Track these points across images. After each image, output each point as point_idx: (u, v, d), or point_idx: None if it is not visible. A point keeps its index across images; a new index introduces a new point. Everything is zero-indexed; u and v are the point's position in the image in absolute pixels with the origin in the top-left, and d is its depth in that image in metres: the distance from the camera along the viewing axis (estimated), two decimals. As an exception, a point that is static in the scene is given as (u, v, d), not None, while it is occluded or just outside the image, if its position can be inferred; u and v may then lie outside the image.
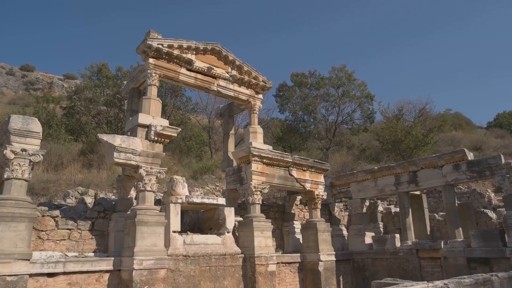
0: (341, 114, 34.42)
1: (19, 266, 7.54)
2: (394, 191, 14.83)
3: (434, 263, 13.05)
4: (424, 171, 13.90)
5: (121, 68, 30.07)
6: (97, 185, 19.91)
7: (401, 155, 26.88)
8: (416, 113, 35.73)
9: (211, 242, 10.90)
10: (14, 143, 8.10)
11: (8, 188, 7.98)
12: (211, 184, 22.34)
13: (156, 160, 10.05)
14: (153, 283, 9.08)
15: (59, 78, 63.23)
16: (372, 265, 14.61)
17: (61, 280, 8.53)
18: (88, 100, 28.69)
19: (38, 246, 9.08)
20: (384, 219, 17.86)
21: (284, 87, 36.06)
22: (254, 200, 11.91)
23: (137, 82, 11.67)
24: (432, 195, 20.47)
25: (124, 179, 10.76)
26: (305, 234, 13.76)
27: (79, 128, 28.24)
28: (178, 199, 10.51)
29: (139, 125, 10.06)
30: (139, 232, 9.14)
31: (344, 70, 33.99)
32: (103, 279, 9.13)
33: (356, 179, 15.86)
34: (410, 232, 14.12)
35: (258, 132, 12.93)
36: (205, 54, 12.11)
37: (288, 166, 13.06)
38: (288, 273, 13.05)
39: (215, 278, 10.62)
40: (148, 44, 10.60)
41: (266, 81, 13.44)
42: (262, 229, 11.64)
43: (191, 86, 12.26)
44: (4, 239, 7.48)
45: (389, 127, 28.59)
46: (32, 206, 8.21)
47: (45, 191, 18.90)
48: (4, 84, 58.29)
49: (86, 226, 10.02)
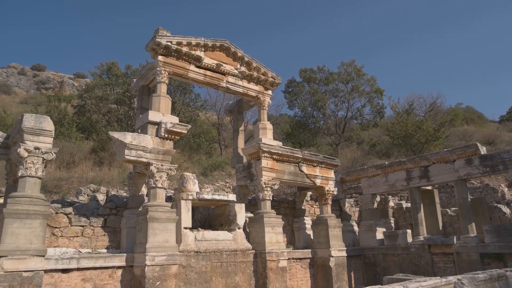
0: (350, 110, 34.23)
1: (34, 262, 7.67)
2: (405, 186, 14.72)
3: (446, 258, 12.95)
4: (436, 166, 13.76)
5: (130, 66, 30.29)
6: (108, 182, 20.12)
7: (412, 150, 26.64)
8: (427, 107, 35.36)
9: (222, 238, 10.95)
10: (28, 142, 8.21)
11: (22, 185, 8.10)
12: (221, 181, 22.42)
13: (167, 157, 10.10)
14: (165, 279, 9.16)
15: (69, 77, 63.89)
16: (384, 260, 14.55)
17: (75, 276, 8.65)
18: (99, 98, 28.95)
19: (52, 243, 9.21)
20: (395, 214, 17.75)
21: (293, 83, 35.94)
22: (265, 196, 11.92)
23: (146, 79, 11.73)
24: (444, 190, 20.27)
25: (135, 176, 10.85)
26: (316, 230, 13.74)
27: (90, 126, 28.54)
28: (189, 196, 10.56)
29: (149, 123, 10.12)
30: (151, 229, 9.22)
31: (353, 65, 33.73)
32: (116, 275, 9.25)
33: (366, 174, 15.78)
34: (422, 228, 14.02)
35: (268, 128, 12.92)
36: (214, 50, 12.11)
37: (298, 162, 13.03)
38: (299, 269, 13.05)
39: (227, 274, 10.67)
40: (157, 42, 10.63)
41: (275, 77, 13.40)
42: (272, 225, 11.65)
43: (200, 83, 12.29)
44: (19, 236, 7.61)
45: (399, 122, 28.34)
46: (46, 204, 8.33)
47: (58, 188, 19.17)
48: (16, 84, 59.10)
49: (99, 223, 10.13)
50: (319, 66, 35.08)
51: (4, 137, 9.32)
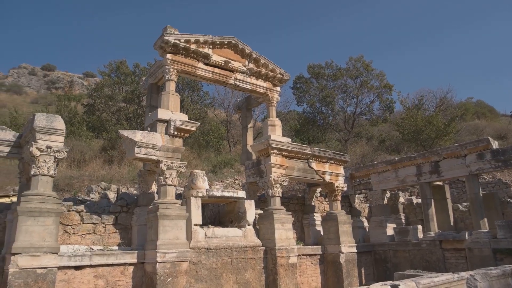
0: (359, 105, 33.97)
1: (48, 259, 7.78)
2: (415, 181, 14.60)
3: (458, 254, 12.83)
4: (447, 161, 13.62)
5: (138, 65, 30.48)
6: (118, 180, 20.31)
7: (422, 145, 26.40)
8: (437, 102, 34.96)
9: (232, 235, 10.99)
10: (40, 141, 8.32)
11: (35, 184, 8.22)
12: (230, 178, 22.47)
13: (176, 154, 10.16)
14: (176, 276, 9.23)
15: (79, 76, 64.48)
16: (394, 256, 14.47)
17: (88, 272, 8.76)
18: (108, 97, 29.20)
19: (65, 240, 9.34)
20: (405, 210, 17.64)
21: (301, 79, 35.77)
22: (274, 193, 11.92)
23: (155, 78, 11.79)
24: (455, 185, 20.06)
25: (145, 174, 10.92)
26: (326, 226, 13.71)
27: (99, 125, 28.80)
28: (199, 193, 10.61)
29: (158, 120, 10.18)
30: (162, 226, 9.29)
31: (362, 61, 33.43)
32: (127, 271, 9.34)
33: (376, 170, 15.68)
34: (433, 223, 13.90)
35: (277, 125, 12.90)
36: (222, 48, 12.11)
37: (307, 158, 13.00)
38: (309, 265, 13.05)
39: (237, 270, 10.72)
40: (165, 40, 10.67)
41: (283, 73, 13.36)
42: (282, 222, 11.65)
43: (208, 80, 12.31)
44: (33, 233, 7.72)
45: (409, 117, 28.09)
46: (58, 202, 8.44)
47: (69, 187, 19.41)
48: (27, 84, 59.83)
49: (110, 220, 10.23)
50: (327, 62, 34.85)
51: (16, 137, 9.44)
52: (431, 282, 5.97)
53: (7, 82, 58.95)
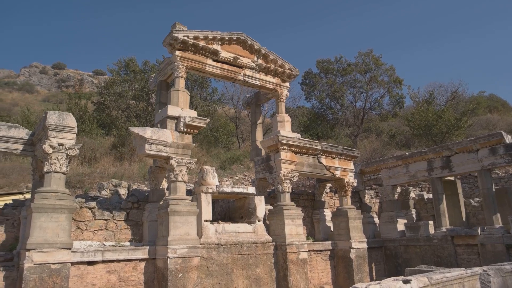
0: (369, 100, 33.72)
1: (61, 255, 7.90)
2: (426, 177, 14.47)
3: (470, 250, 12.71)
4: (458, 155, 13.47)
5: (147, 62, 30.62)
6: (129, 177, 20.50)
7: (433, 140, 26.15)
8: (448, 96, 34.55)
9: (242, 230, 11.03)
10: (52, 138, 8.42)
11: (48, 181, 8.33)
12: (239, 174, 22.54)
13: (186, 151, 10.20)
14: (188, 271, 9.31)
15: (88, 74, 65.05)
16: (405, 252, 14.39)
17: (100, 268, 8.88)
18: (117, 95, 29.41)
19: (77, 236, 9.46)
20: (416, 205, 17.51)
21: (310, 75, 35.60)
22: (284, 189, 11.92)
23: (164, 74, 11.84)
24: (467, 180, 19.84)
25: (155, 170, 11.00)
26: (336, 222, 13.68)
27: (110, 123, 29.06)
28: (209, 189, 10.66)
29: (168, 117, 10.23)
30: (172, 222, 9.36)
31: (371, 55, 33.13)
32: (139, 267, 9.44)
33: (386, 165, 15.58)
34: (445, 219, 13.78)
35: (286, 121, 12.87)
36: (231, 44, 12.11)
37: (317, 154, 12.97)
38: (320, 260, 13.05)
39: (247, 265, 10.76)
40: (174, 37, 10.69)
41: (292, 69, 13.32)
42: (292, 217, 11.66)
43: (217, 77, 12.32)
44: (47, 229, 7.84)
45: (419, 111, 27.82)
46: (71, 198, 8.55)
47: (81, 184, 19.65)
48: (38, 83, 60.56)
49: (121, 217, 10.33)
50: (336, 57, 34.62)
51: (29, 135, 9.58)
52: (444, 278, 5.93)
53: (18, 81, 59.74)
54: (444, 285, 5.88)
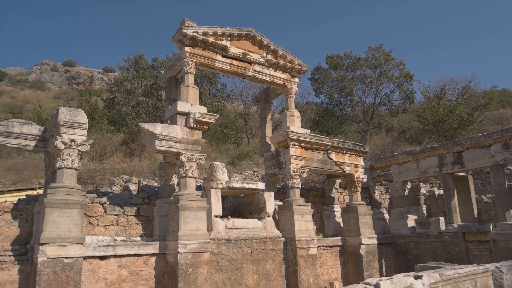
0: (379, 96, 33.40)
1: (74, 249, 8.02)
2: (437, 172, 14.32)
3: (482, 246, 12.56)
4: (470, 151, 13.30)
5: (157, 58, 30.74)
6: (139, 173, 20.66)
7: (444, 135, 25.84)
8: (460, 91, 34.06)
9: (252, 226, 11.06)
10: (64, 134, 8.52)
11: (60, 176, 8.44)
12: (249, 170, 22.56)
13: (196, 146, 10.24)
14: (198, 266, 9.37)
15: (98, 71, 65.60)
16: (416, 248, 14.29)
17: (112, 262, 8.99)
18: (127, 91, 29.61)
19: (89, 231, 9.58)
20: (427, 201, 17.35)
21: (319, 70, 35.38)
22: (294, 184, 11.91)
23: (174, 71, 11.88)
24: (478, 176, 19.58)
25: (165, 166, 11.07)
26: (346, 218, 13.64)
27: (120, 119, 29.29)
28: (219, 185, 10.69)
29: (178, 113, 10.27)
30: (183, 217, 9.42)
31: (381, 50, 32.78)
32: (150, 262, 9.54)
33: (397, 161, 15.45)
34: (456, 215, 13.64)
35: (295, 116, 12.84)
36: (240, 39, 12.09)
37: (326, 150, 12.92)
38: (329, 256, 13.03)
39: (257, 261, 10.79)
40: (184, 33, 10.71)
41: (301, 64, 13.25)
42: (302, 213, 11.65)
43: (227, 73, 12.32)
44: (59, 224, 7.96)
45: (430, 107, 27.48)
46: (83, 193, 8.66)
47: (92, 179, 19.87)
48: (49, 80, 61.22)
49: (132, 212, 10.43)
50: (346, 52, 34.33)
51: (41, 131, 9.70)
52: (456, 274, 5.88)
53: (30, 78, 60.48)
54: (456, 281, 5.83)
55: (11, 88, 53.53)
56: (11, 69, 63.81)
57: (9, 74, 60.90)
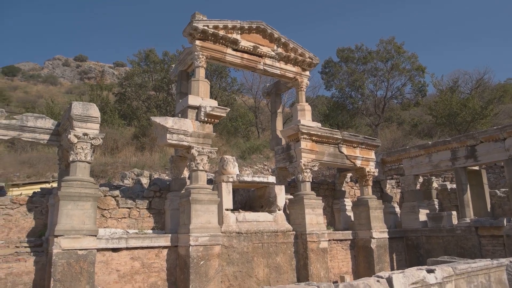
0: (390, 89, 33.03)
1: (87, 241, 8.14)
2: (450, 166, 14.16)
3: (495, 241, 12.42)
4: (484, 145, 13.11)
5: (167, 53, 30.81)
6: (150, 166, 20.83)
7: (457, 129, 25.50)
8: (473, 84, 33.50)
9: (262, 219, 11.09)
10: (77, 128, 8.61)
11: (74, 170, 8.55)
12: (259, 164, 22.59)
13: (207, 140, 10.27)
14: (209, 259, 9.44)
15: (109, 66, 66.06)
16: (427, 243, 14.19)
17: (124, 254, 9.11)
18: (138, 85, 29.77)
19: (102, 224, 9.71)
20: (439, 196, 17.19)
21: (330, 63, 35.09)
22: (304, 178, 11.89)
23: (185, 64, 11.90)
24: (492, 170, 19.32)
25: (177, 159, 11.13)
26: (357, 211, 13.59)
27: (131, 113, 29.51)
28: (230, 178, 10.73)
29: (189, 107, 10.30)
30: (194, 210, 9.48)
31: (393, 43, 32.35)
32: (162, 254, 9.64)
33: (408, 155, 15.31)
34: (469, 209, 13.49)
35: (306, 110, 12.77)
36: (250, 33, 12.03)
37: (337, 143, 12.85)
38: (340, 250, 13.02)
39: (268, 254, 10.83)
40: (194, 26, 10.70)
41: (312, 57, 13.16)
42: (313, 207, 11.64)
43: (237, 66, 12.29)
44: (73, 217, 8.08)
45: (443, 100, 27.12)
46: (96, 186, 8.76)
47: (104, 173, 20.10)
48: (61, 75, 61.86)
49: (144, 205, 10.53)
50: (357, 45, 33.95)
51: (55, 125, 9.82)
52: (469, 268, 5.82)
53: (43, 73, 61.20)
54: (469, 275, 5.78)
55: (24, 83, 54.30)
56: (24, 64, 64.65)
57: (23, 69, 61.75)
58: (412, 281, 5.15)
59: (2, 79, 54.21)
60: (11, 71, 59.37)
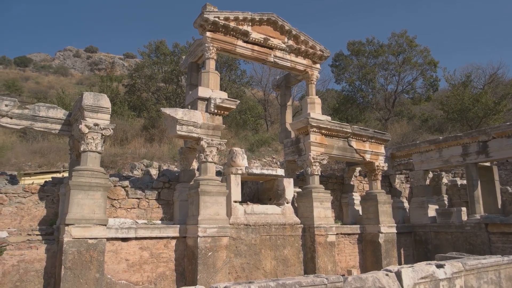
0: (401, 83, 32.62)
1: (97, 231, 8.24)
2: (461, 162, 14.00)
3: (505, 238, 12.29)
4: (496, 140, 12.93)
5: (177, 44, 30.76)
6: (159, 158, 20.95)
7: (468, 124, 25.16)
8: (486, 79, 32.92)
9: (270, 212, 11.11)
10: (88, 118, 8.69)
11: (84, 160, 8.64)
12: (267, 156, 22.57)
13: (216, 132, 10.29)
14: (217, 250, 9.50)
15: (119, 57, 66.23)
16: (436, 238, 14.10)
17: (133, 244, 9.21)
18: (148, 77, 29.82)
19: (111, 214, 9.82)
20: (448, 191, 17.04)
21: (341, 57, 34.73)
22: (313, 171, 11.86)
23: (195, 56, 11.88)
24: (504, 167, 19.07)
25: (186, 151, 11.18)
26: (365, 206, 13.54)
27: (140, 105, 29.62)
28: (238, 170, 10.75)
29: (199, 98, 10.31)
30: (202, 202, 9.53)
31: (405, 36, 31.85)
32: (170, 244, 9.73)
33: (418, 149, 15.16)
34: (479, 206, 13.36)
35: (316, 103, 12.71)
36: (261, 25, 11.96)
37: (347, 137, 12.78)
38: (348, 244, 13.01)
39: (275, 247, 10.87)
40: (205, 18, 10.66)
41: (323, 50, 13.05)
42: (321, 200, 11.62)
43: (247, 58, 12.25)
44: (84, 206, 8.18)
45: (455, 95, 26.72)
46: (106, 177, 8.85)
47: (113, 164, 20.26)
48: (72, 66, 62.28)
49: (153, 196, 10.62)
50: (368, 39, 33.51)
51: (66, 115, 9.91)
52: (479, 264, 5.78)
53: (54, 64, 61.67)
54: (479, 271, 5.73)
55: (36, 73, 54.76)
56: (35, 55, 65.19)
57: (34, 60, 62.26)
58: (421, 275, 5.13)
59: (15, 69, 54.79)
60: (23, 61, 59.94)
